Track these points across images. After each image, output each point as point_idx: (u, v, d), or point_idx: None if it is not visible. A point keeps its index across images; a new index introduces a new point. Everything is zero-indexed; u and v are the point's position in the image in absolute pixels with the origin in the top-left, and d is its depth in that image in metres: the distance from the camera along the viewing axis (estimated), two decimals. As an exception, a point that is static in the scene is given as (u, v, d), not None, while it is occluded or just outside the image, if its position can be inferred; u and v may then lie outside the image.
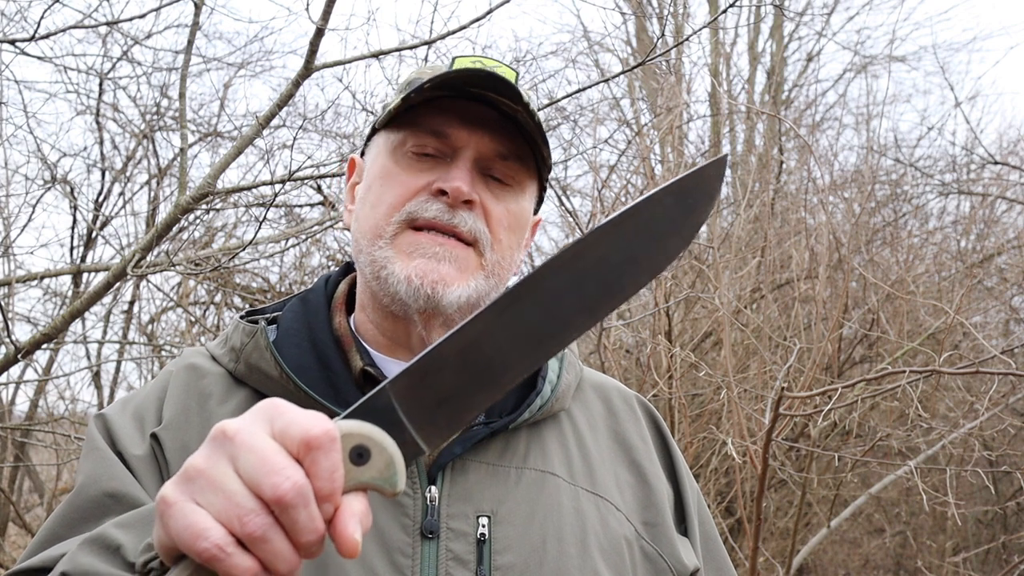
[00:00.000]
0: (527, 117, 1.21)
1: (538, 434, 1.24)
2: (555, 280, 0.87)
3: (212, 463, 0.77)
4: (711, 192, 0.92)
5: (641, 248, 0.89)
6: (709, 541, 1.33)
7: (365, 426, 0.81)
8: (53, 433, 5.47)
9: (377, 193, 1.24)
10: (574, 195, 7.45)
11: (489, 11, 4.12)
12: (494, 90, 1.20)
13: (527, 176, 1.27)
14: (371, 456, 0.80)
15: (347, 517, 0.77)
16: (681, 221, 0.90)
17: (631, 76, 7.90)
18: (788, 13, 10.12)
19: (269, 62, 8.31)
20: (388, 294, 1.21)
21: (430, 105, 1.22)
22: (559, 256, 0.87)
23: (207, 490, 0.76)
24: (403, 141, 1.24)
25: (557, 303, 0.87)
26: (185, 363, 1.27)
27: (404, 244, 1.20)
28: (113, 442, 1.18)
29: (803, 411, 3.90)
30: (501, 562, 1.11)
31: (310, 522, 0.75)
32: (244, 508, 0.74)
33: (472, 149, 1.22)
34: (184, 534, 0.75)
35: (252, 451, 0.75)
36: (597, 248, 0.87)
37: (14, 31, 5.41)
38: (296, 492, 0.74)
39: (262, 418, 0.79)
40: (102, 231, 6.46)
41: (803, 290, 5.77)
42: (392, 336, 1.26)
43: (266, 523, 0.74)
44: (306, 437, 0.75)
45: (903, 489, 6.61)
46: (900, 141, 8.71)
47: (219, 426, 0.79)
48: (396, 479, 0.81)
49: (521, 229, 1.28)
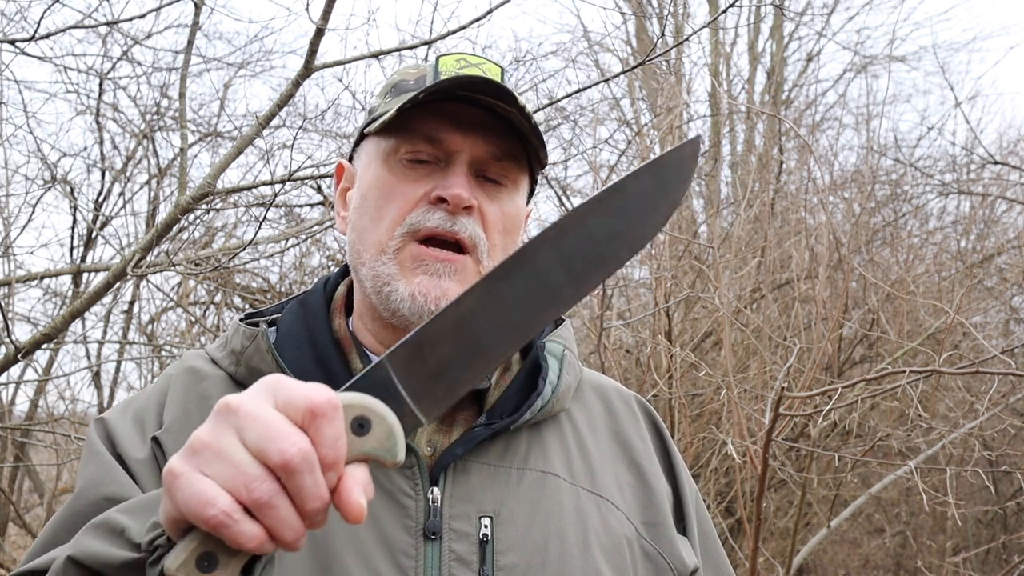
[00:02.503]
0: (522, 119, 1.21)
1: (539, 435, 1.24)
2: (543, 255, 0.91)
3: (217, 435, 0.79)
4: (686, 171, 0.96)
5: (623, 223, 0.93)
6: (707, 540, 1.34)
7: (365, 398, 0.84)
8: (53, 433, 5.47)
9: (375, 205, 1.23)
10: (574, 195, 7.44)
11: (489, 11, 4.13)
12: (488, 95, 1.20)
13: (520, 173, 1.27)
14: (372, 427, 0.83)
15: (351, 485, 0.79)
16: (659, 198, 0.95)
17: (631, 76, 7.90)
18: (788, 13, 10.12)
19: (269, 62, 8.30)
20: (389, 309, 1.21)
21: (421, 108, 1.21)
22: (546, 232, 0.91)
23: (213, 460, 0.77)
24: (396, 148, 1.23)
25: (545, 277, 0.91)
26: (185, 366, 1.27)
27: (408, 259, 1.20)
28: (114, 446, 1.18)
29: (803, 411, 3.90)
30: (504, 562, 1.11)
31: (315, 488, 0.77)
32: (251, 475, 0.76)
33: (467, 153, 1.21)
34: (192, 502, 0.76)
35: (257, 420, 0.77)
36: (582, 224, 0.92)
37: (14, 31, 5.41)
38: (302, 457, 0.76)
39: (265, 392, 0.81)
40: (102, 231, 6.46)
41: (803, 290, 5.77)
42: (389, 345, 1.26)
43: (272, 489, 0.76)
44: (310, 405, 0.78)
45: (903, 489, 6.61)
46: (900, 141, 8.71)
47: (223, 400, 0.81)
48: (396, 449, 0.84)
49: (516, 229, 1.28)
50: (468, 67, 1.26)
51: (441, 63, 1.26)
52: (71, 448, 5.14)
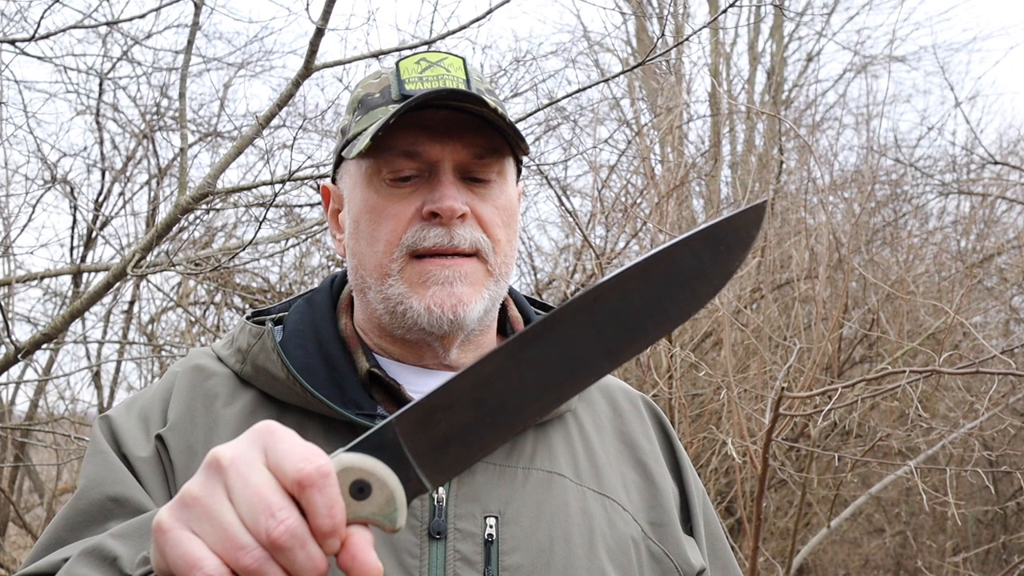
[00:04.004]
0: (496, 117, 1.18)
1: (545, 435, 1.24)
2: (573, 322, 0.83)
3: (207, 491, 0.77)
4: (747, 239, 0.87)
5: (667, 294, 0.85)
6: (714, 540, 1.34)
7: (368, 460, 0.80)
8: (53, 433, 5.46)
9: (369, 230, 1.22)
10: (574, 195, 7.44)
11: (489, 11, 4.12)
12: (457, 100, 1.17)
13: (504, 163, 1.25)
14: (372, 491, 0.79)
15: (364, 545, 0.77)
16: (712, 268, 0.85)
17: (631, 76, 7.90)
18: (788, 13, 10.12)
19: (269, 62, 8.29)
20: (405, 326, 1.21)
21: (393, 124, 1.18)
22: (580, 298, 0.84)
23: (203, 519, 0.76)
24: (377, 169, 1.21)
25: (574, 346, 0.84)
26: (191, 364, 1.27)
27: (414, 275, 1.19)
28: (118, 445, 1.18)
29: (803, 411, 3.90)
30: (509, 563, 1.11)
31: (308, 561, 0.75)
32: (239, 543, 0.74)
33: (448, 160, 1.19)
34: (180, 563, 0.75)
35: (247, 486, 0.75)
36: (620, 291, 0.84)
37: (14, 31, 5.41)
38: (290, 535, 0.74)
39: (257, 445, 0.78)
40: (102, 231, 6.45)
41: (803, 290, 5.77)
42: (400, 357, 1.27)
43: (261, 557, 0.74)
44: (299, 476, 0.75)
45: (903, 489, 6.61)
46: (900, 141, 8.70)
47: (213, 453, 0.79)
48: (396, 515, 0.80)
49: (513, 219, 1.27)
50: (430, 67, 1.24)
51: (402, 69, 1.24)
52: (71, 448, 5.14)
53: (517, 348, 0.83)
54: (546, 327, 0.83)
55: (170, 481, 1.15)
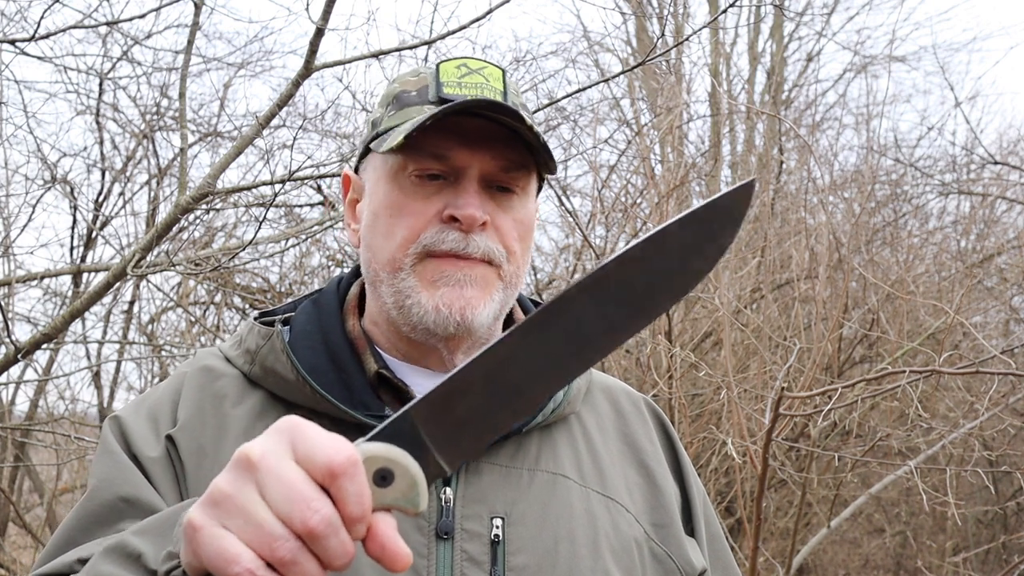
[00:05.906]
0: (530, 135, 1.19)
1: (549, 436, 1.24)
2: (579, 304, 0.88)
3: (238, 488, 0.79)
4: (737, 216, 0.92)
5: (665, 271, 0.90)
6: (715, 542, 1.35)
7: (389, 448, 0.83)
8: (53, 433, 5.46)
9: (387, 224, 1.22)
10: (574, 195, 7.45)
11: (489, 11, 4.12)
12: (494, 111, 1.18)
13: (529, 179, 1.26)
14: (394, 478, 0.82)
15: (391, 533, 0.80)
16: (705, 244, 0.91)
17: (631, 76, 7.89)
18: (788, 13, 10.12)
19: (269, 62, 8.27)
20: (411, 324, 1.21)
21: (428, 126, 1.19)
22: (584, 280, 0.88)
23: (235, 515, 0.78)
24: (403, 165, 1.21)
25: (581, 326, 0.88)
26: (199, 364, 1.27)
27: (427, 272, 1.19)
28: (128, 445, 1.18)
29: (803, 411, 3.90)
30: (515, 563, 1.12)
31: (340, 547, 0.77)
32: (273, 535, 0.76)
33: (476, 169, 1.20)
34: (216, 560, 0.77)
35: (279, 480, 0.77)
36: (621, 271, 0.88)
37: (14, 31, 5.41)
38: (326, 524, 0.76)
39: (284, 440, 0.80)
40: (102, 231, 6.45)
41: (803, 290, 5.77)
42: (407, 355, 1.27)
43: (295, 547, 0.77)
44: (330, 465, 0.77)
45: (903, 489, 6.61)
46: (900, 141, 8.71)
47: (242, 450, 0.80)
48: (419, 499, 0.83)
49: (530, 234, 1.27)
50: (469, 73, 1.24)
51: (442, 71, 1.24)
52: (71, 448, 5.14)
53: (525, 332, 0.87)
54: (552, 311, 0.87)
55: (180, 481, 1.15)
